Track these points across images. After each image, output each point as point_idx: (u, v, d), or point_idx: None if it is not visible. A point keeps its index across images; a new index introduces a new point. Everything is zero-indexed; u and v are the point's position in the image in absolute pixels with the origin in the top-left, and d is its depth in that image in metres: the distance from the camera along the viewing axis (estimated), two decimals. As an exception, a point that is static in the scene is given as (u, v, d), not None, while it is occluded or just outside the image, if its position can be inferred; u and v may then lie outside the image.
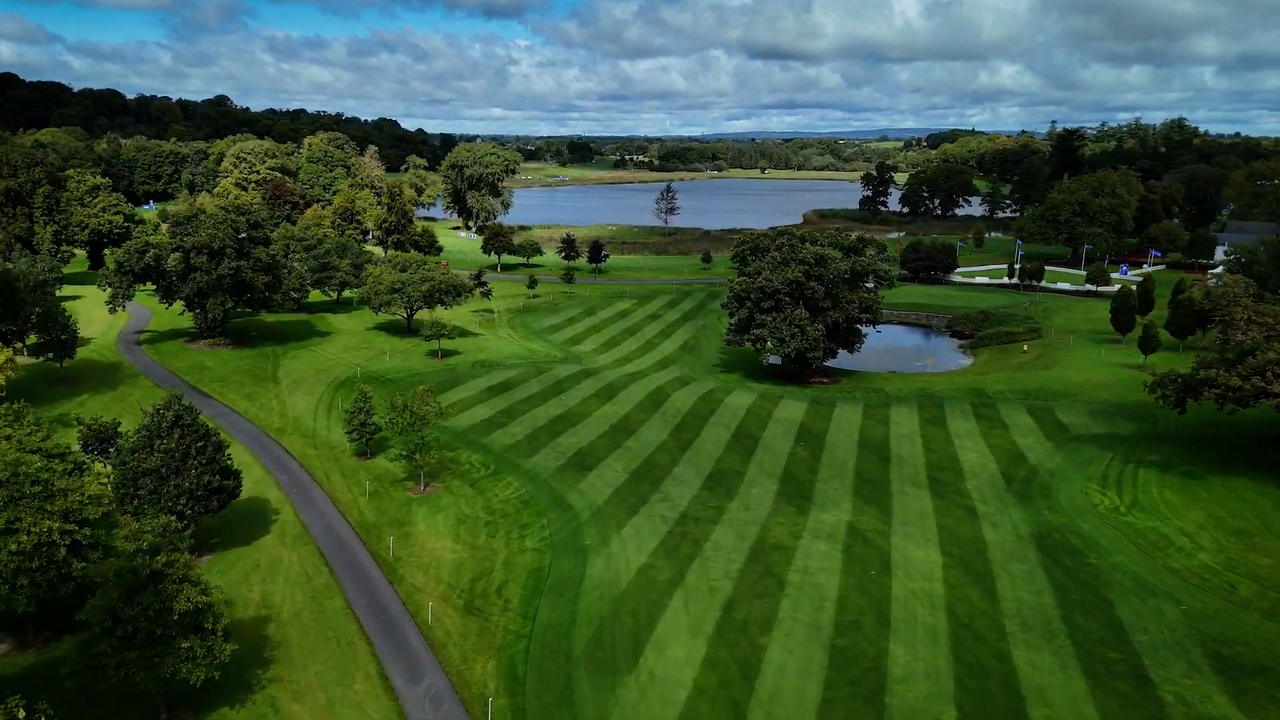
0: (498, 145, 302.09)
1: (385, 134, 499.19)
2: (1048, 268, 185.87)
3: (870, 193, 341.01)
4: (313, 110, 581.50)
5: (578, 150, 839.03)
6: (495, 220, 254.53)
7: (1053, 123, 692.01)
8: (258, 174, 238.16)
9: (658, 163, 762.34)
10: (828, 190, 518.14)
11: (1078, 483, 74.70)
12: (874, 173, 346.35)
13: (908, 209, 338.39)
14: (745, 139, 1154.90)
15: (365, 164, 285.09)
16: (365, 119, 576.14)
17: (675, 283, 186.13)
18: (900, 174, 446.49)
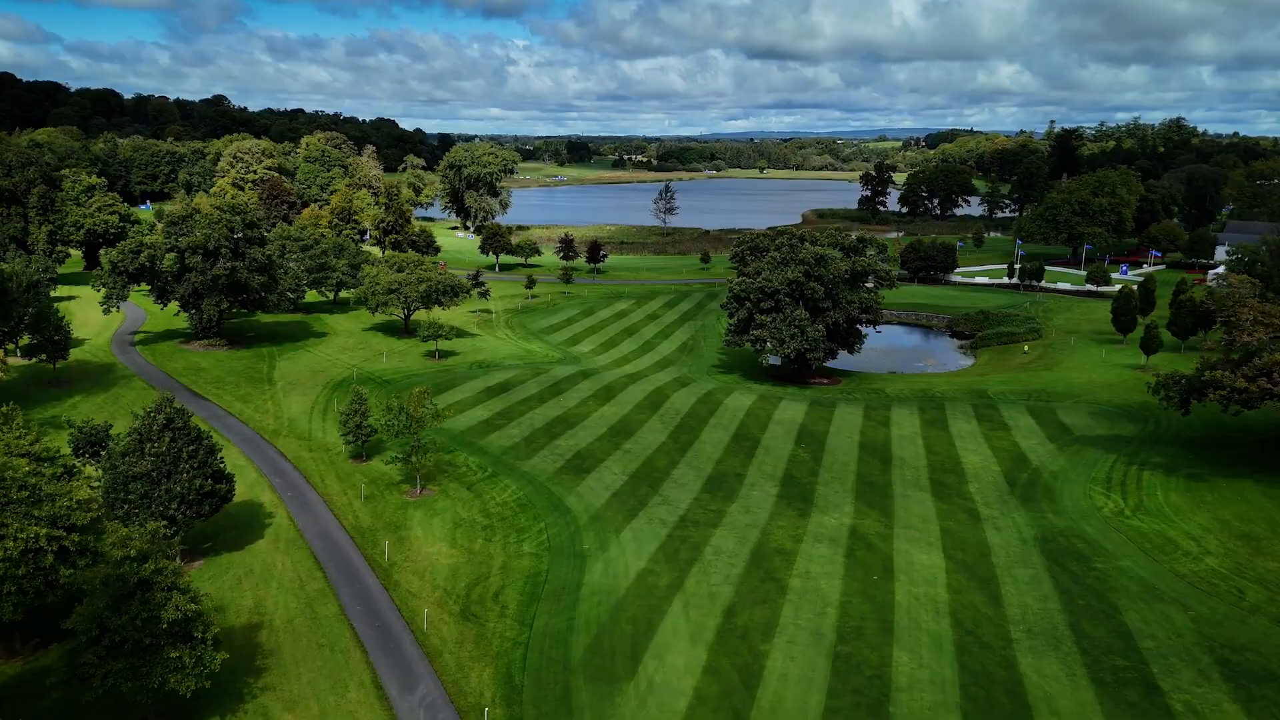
0: (496, 145, 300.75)
1: (383, 134, 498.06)
2: (1048, 268, 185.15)
3: (869, 193, 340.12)
4: (311, 110, 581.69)
5: (576, 150, 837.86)
6: (493, 220, 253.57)
7: (1051, 122, 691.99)
8: (254, 174, 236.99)
9: (656, 162, 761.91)
10: (826, 190, 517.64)
11: (1081, 485, 73.87)
12: (873, 172, 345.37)
13: (907, 209, 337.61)
14: (744, 139, 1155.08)
15: (363, 164, 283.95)
16: (363, 119, 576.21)
17: (674, 283, 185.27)
18: (899, 174, 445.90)
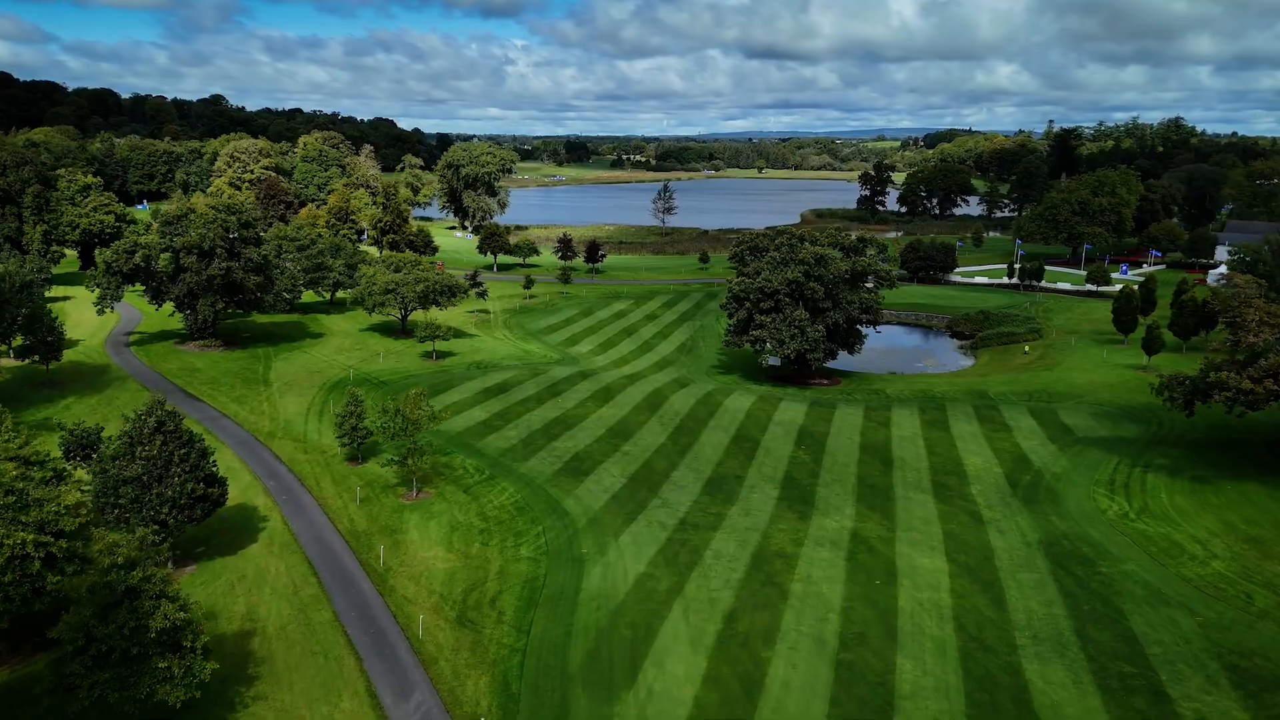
0: (494, 145, 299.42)
1: (381, 134, 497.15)
2: (1047, 267, 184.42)
3: (868, 192, 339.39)
4: (309, 110, 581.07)
5: (575, 150, 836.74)
6: (491, 220, 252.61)
7: (1050, 122, 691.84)
8: (251, 173, 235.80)
9: (655, 162, 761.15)
10: (825, 190, 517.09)
11: (1084, 487, 73.08)
12: (872, 172, 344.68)
13: (906, 209, 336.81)
14: (742, 138, 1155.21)
15: (360, 163, 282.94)
16: (361, 119, 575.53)
17: (673, 283, 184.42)
18: (898, 174, 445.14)
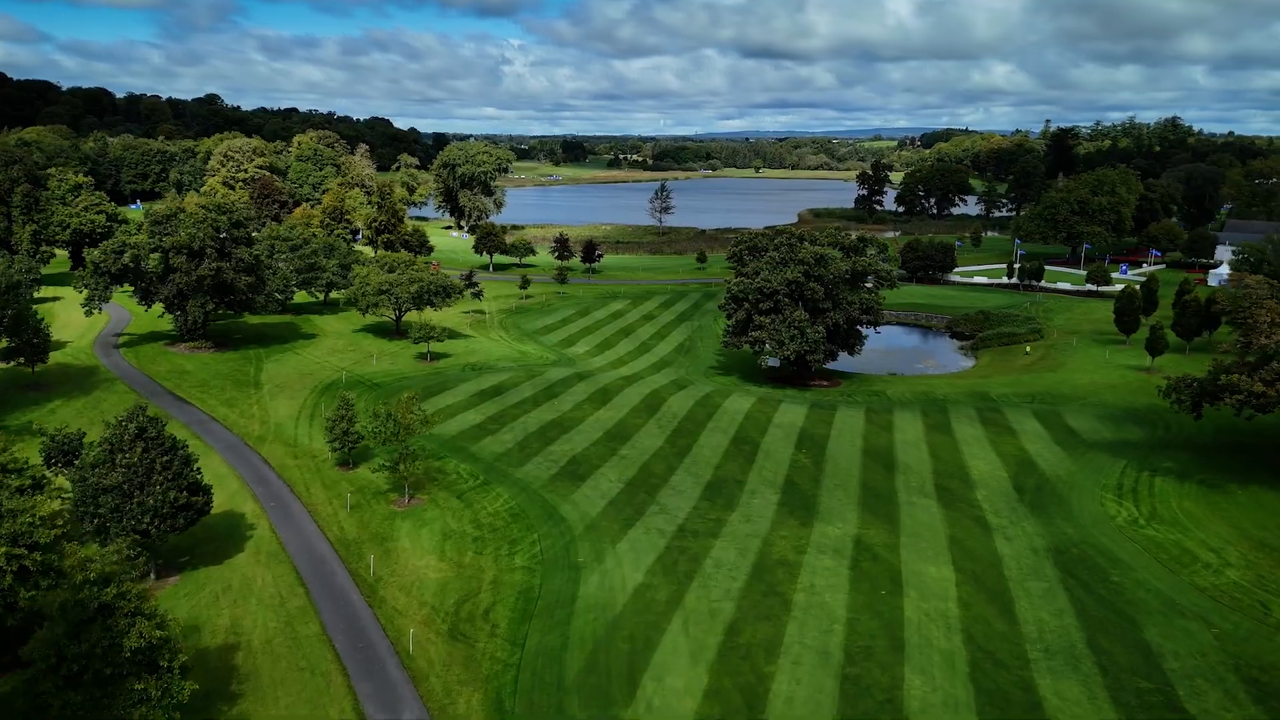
0: (490, 144, 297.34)
1: (377, 133, 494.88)
2: (1047, 267, 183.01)
3: (865, 192, 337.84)
4: (305, 109, 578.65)
5: (571, 149, 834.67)
6: (487, 220, 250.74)
7: (1046, 121, 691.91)
8: (245, 172, 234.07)
9: (652, 162, 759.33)
10: (822, 189, 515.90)
11: (1092, 492, 71.57)
12: (869, 171, 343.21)
13: (903, 208, 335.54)
14: (739, 138, 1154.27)
15: (356, 163, 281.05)
16: (357, 118, 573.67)
17: (670, 283, 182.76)
18: (895, 173, 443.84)
